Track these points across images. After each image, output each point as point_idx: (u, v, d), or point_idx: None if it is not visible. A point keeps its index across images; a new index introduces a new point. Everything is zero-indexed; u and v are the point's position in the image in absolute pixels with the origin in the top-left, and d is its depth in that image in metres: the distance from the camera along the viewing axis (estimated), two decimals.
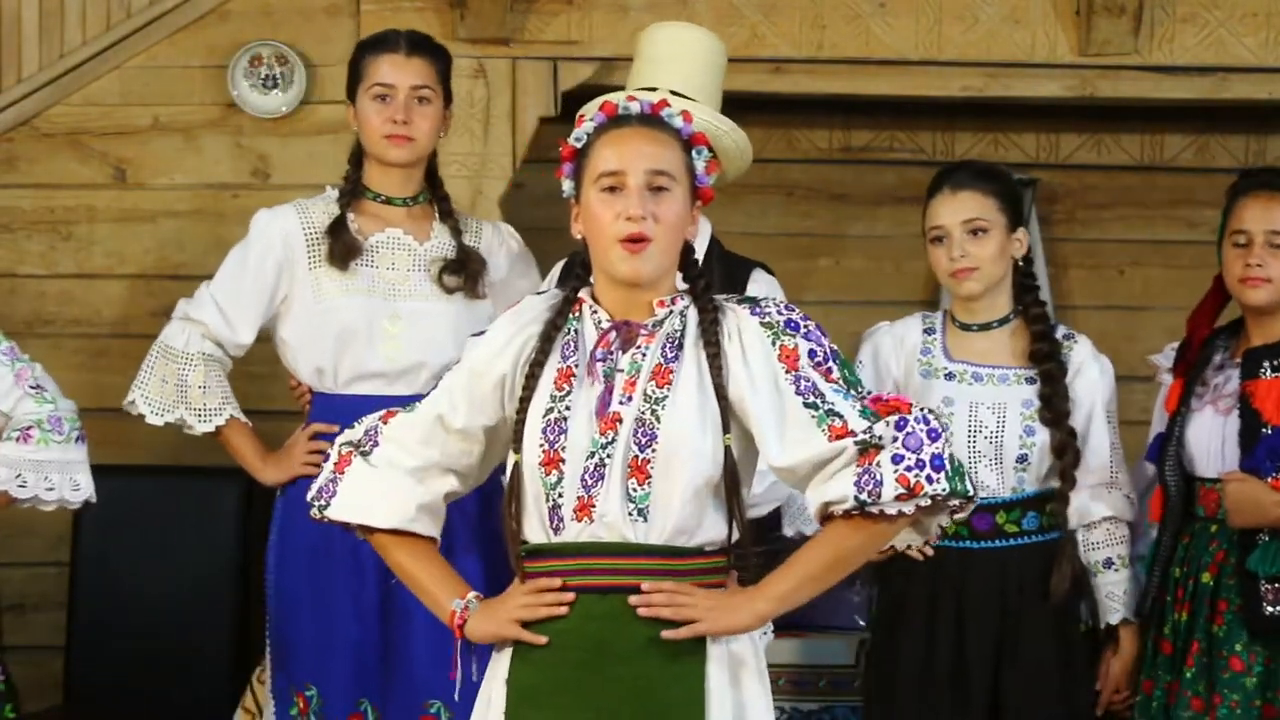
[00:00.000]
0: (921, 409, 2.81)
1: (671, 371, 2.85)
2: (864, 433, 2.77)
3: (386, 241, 3.98)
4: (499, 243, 4.13)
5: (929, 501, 2.77)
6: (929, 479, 2.75)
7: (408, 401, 3.80)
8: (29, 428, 3.79)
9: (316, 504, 3.00)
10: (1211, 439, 3.77)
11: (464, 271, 4.00)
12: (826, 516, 2.84)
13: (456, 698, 3.02)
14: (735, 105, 5.40)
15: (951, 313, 3.95)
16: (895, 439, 2.77)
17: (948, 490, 2.76)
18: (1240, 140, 5.56)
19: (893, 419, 2.79)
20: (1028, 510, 3.83)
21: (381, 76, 3.95)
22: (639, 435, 2.81)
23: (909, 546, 3.10)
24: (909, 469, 2.75)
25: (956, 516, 2.87)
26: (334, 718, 3.90)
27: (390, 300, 3.96)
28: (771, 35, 4.97)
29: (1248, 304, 3.79)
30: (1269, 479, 3.66)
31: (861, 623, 4.70)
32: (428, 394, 3.02)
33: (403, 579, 3.01)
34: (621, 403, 2.83)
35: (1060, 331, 3.93)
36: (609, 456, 2.81)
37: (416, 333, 3.95)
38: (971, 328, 3.90)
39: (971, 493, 2.81)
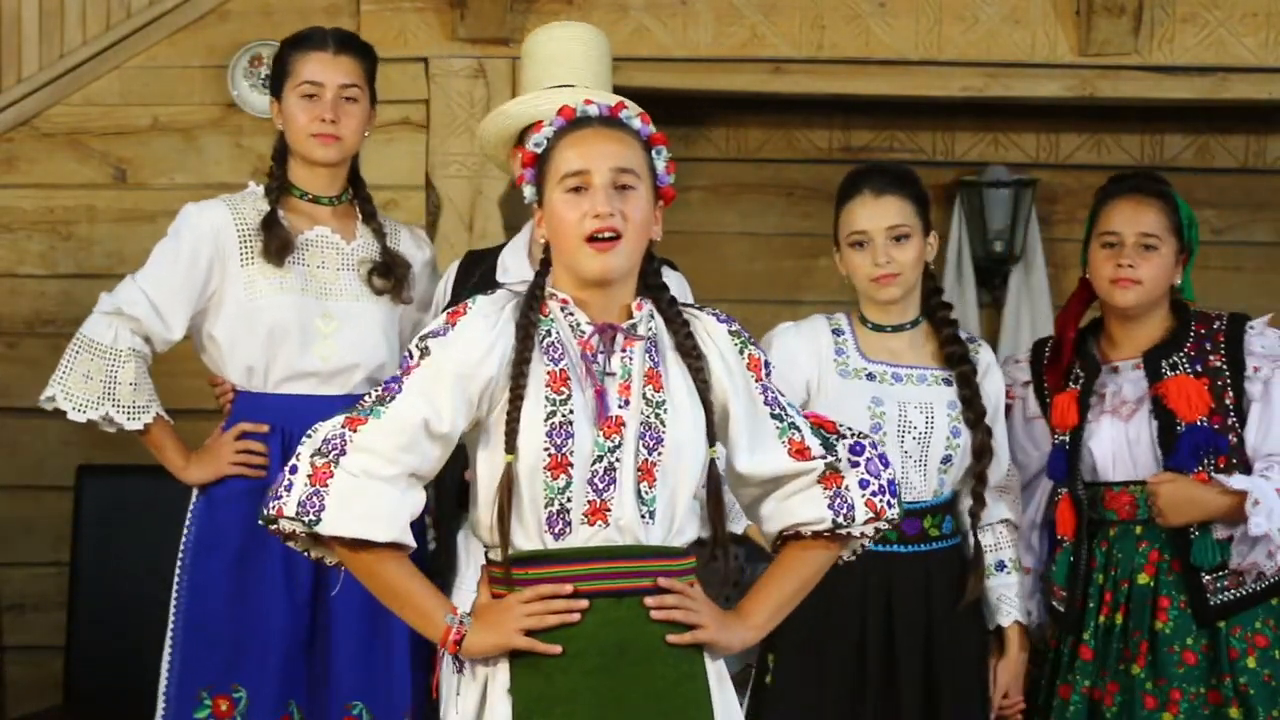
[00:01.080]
0: (855, 432, 2.98)
1: (661, 376, 2.87)
2: (826, 456, 2.92)
3: (315, 240, 3.93)
4: (415, 247, 4.09)
5: (886, 525, 2.97)
6: (889, 504, 2.96)
7: (341, 401, 3.77)
8: None
9: (304, 519, 2.79)
10: (1117, 445, 3.81)
11: (392, 274, 3.96)
12: (790, 535, 2.95)
13: (452, 714, 2.96)
14: (735, 105, 5.43)
15: (861, 314, 3.92)
16: (856, 463, 2.95)
17: (898, 515, 2.98)
18: (1240, 140, 5.57)
19: (845, 443, 2.96)
20: (946, 514, 3.84)
21: (310, 74, 3.89)
22: (646, 439, 2.82)
23: None
24: (874, 494, 2.95)
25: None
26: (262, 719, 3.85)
27: (322, 299, 3.89)
28: (771, 35, 4.97)
29: (1117, 305, 3.82)
30: (1193, 474, 3.72)
31: None
32: (365, 395, 2.90)
33: (385, 596, 2.86)
34: (620, 407, 2.82)
35: (963, 334, 3.93)
36: (618, 460, 2.80)
37: (349, 332, 3.90)
38: (885, 328, 3.88)
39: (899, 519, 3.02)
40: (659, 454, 2.81)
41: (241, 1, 4.97)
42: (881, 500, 2.94)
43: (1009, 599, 3.88)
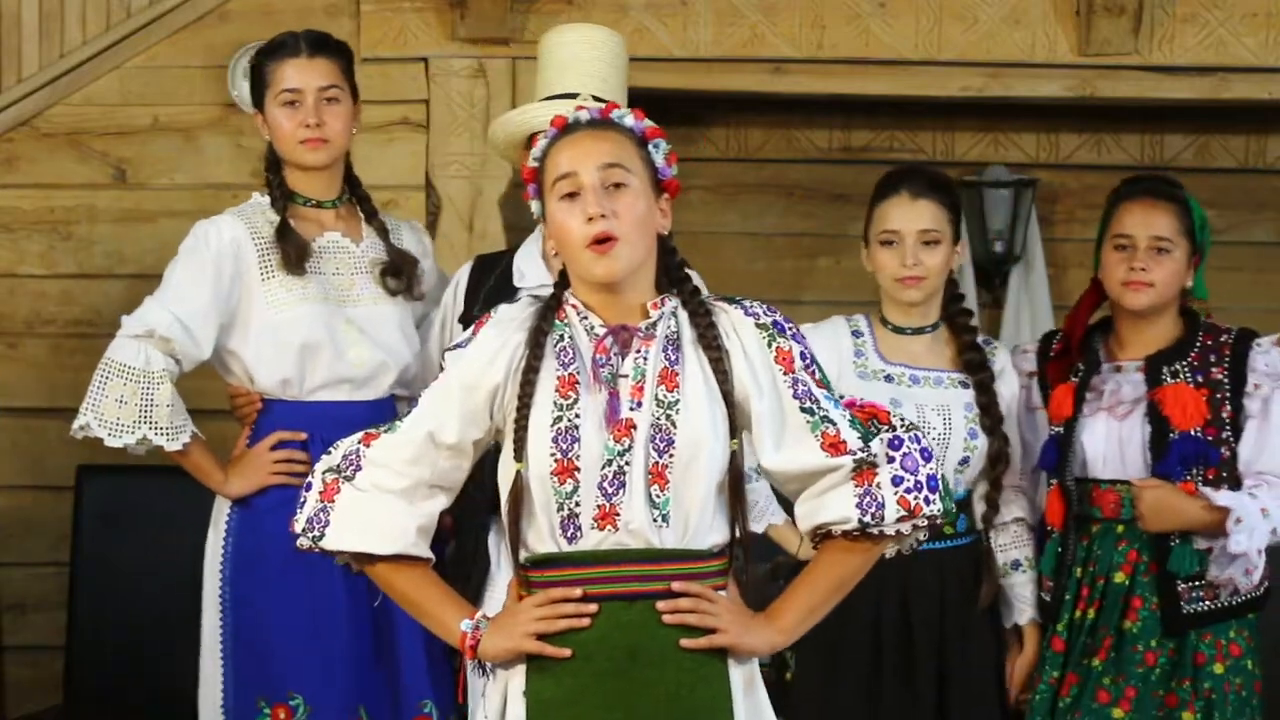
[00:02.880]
0: (905, 423, 2.87)
1: (677, 375, 2.84)
2: (860, 451, 2.82)
3: (327, 245, 3.92)
4: (416, 242, 4.09)
5: (925, 522, 2.85)
6: (926, 500, 2.82)
7: (374, 405, 3.82)
8: None
9: (309, 535, 2.89)
10: (1108, 443, 3.82)
11: (403, 274, 3.96)
12: (823, 535, 2.88)
13: (479, 717, 2.97)
14: (735, 105, 5.43)
15: (882, 315, 3.94)
16: (892, 459, 2.83)
17: (941, 511, 2.84)
18: (1240, 140, 5.57)
19: (885, 436, 2.84)
20: (960, 512, 3.86)
21: (288, 82, 3.86)
22: (657, 441, 2.80)
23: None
24: (909, 491, 2.82)
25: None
26: None
27: (343, 305, 3.89)
28: (771, 35, 4.97)
29: (1129, 307, 3.83)
30: (1178, 483, 3.73)
31: None
32: (394, 397, 2.95)
33: (404, 605, 2.94)
34: (632, 409, 2.81)
35: (979, 338, 3.96)
36: (627, 464, 2.79)
37: (374, 336, 3.89)
38: (905, 331, 3.91)
39: (952, 512, 2.90)
40: (670, 456, 2.79)
41: (241, 1, 4.97)
42: (917, 497, 2.81)
43: (1024, 597, 3.91)
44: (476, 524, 3.82)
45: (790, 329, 2.88)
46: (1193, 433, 3.75)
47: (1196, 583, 3.74)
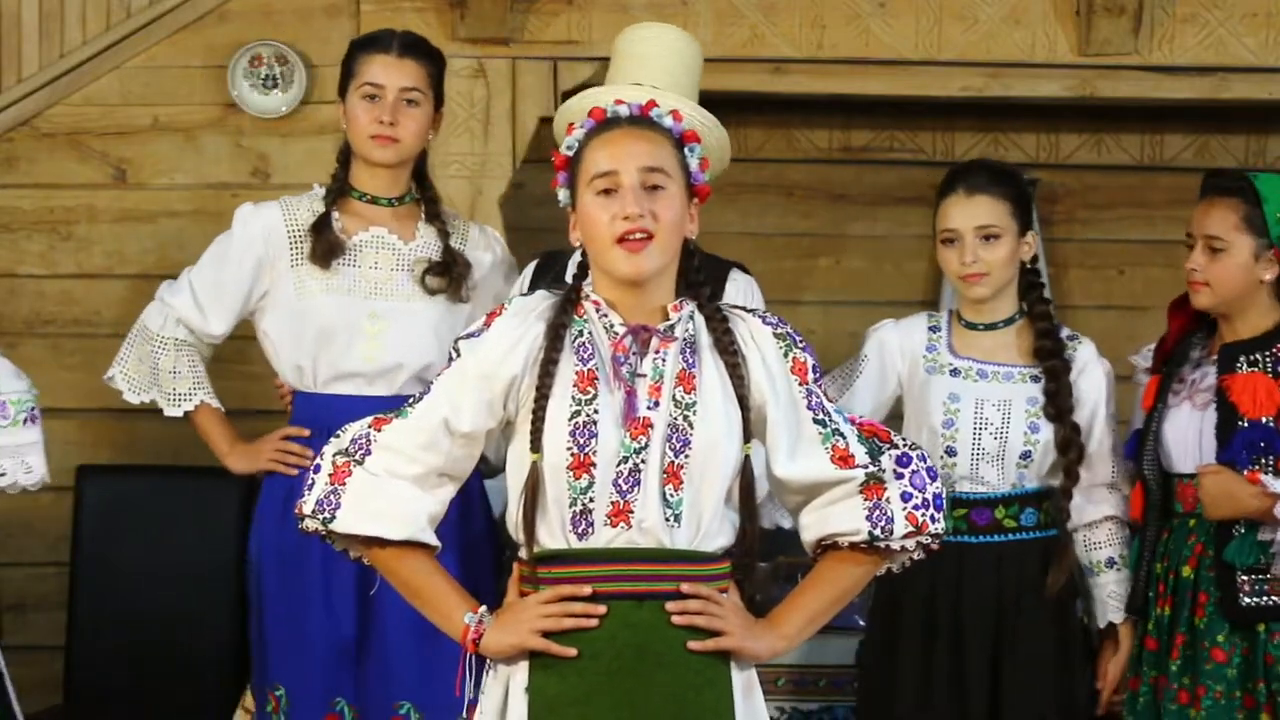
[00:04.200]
0: (908, 442, 2.92)
1: (695, 377, 2.84)
2: (870, 465, 2.86)
3: (370, 241, 3.96)
4: (485, 246, 4.11)
5: (929, 540, 2.88)
6: (932, 518, 2.87)
7: (388, 402, 3.81)
8: None
9: (319, 517, 2.87)
10: (1189, 434, 3.80)
11: (449, 273, 3.97)
12: (828, 545, 2.89)
13: (465, 713, 2.98)
14: (735, 105, 5.42)
15: (958, 311, 3.96)
16: (900, 475, 2.87)
17: (943, 530, 2.90)
18: (1240, 140, 5.57)
19: (893, 453, 2.88)
20: (1026, 506, 3.85)
21: (372, 76, 3.93)
22: (673, 440, 2.80)
23: None
24: (917, 508, 2.87)
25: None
26: (306, 717, 3.87)
27: (370, 299, 3.93)
28: (771, 35, 4.97)
29: (1194, 306, 3.83)
30: (1245, 471, 3.69)
31: (861, 622, 4.70)
32: (411, 396, 2.95)
33: (407, 593, 2.92)
34: (649, 408, 2.81)
35: (1064, 332, 3.96)
36: (643, 462, 2.79)
37: (396, 332, 3.92)
38: (978, 326, 3.93)
39: (949, 533, 3.02)
40: (686, 456, 2.80)
41: (241, 1, 4.96)
42: (924, 514, 2.86)
43: (1117, 595, 3.91)
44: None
45: (802, 341, 2.91)
46: (1263, 421, 3.70)
47: (1261, 576, 3.68)
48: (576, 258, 3.88)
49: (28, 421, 3.88)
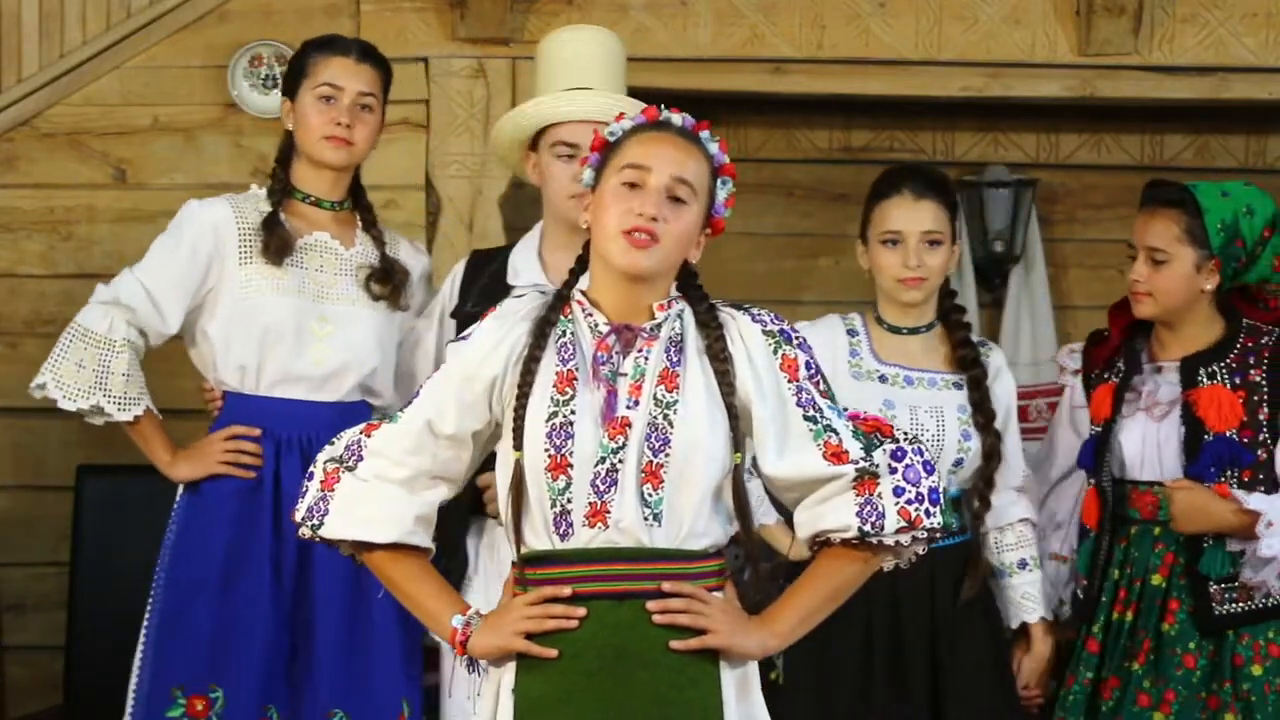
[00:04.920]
0: (908, 436, 2.89)
1: (678, 376, 2.84)
2: (862, 460, 2.82)
3: (314, 244, 3.92)
4: (413, 257, 4.08)
5: (924, 534, 2.85)
6: (927, 513, 2.83)
7: (333, 409, 3.84)
8: None
9: (309, 523, 2.90)
10: (1146, 444, 3.82)
11: (390, 281, 3.96)
12: (821, 542, 2.89)
13: (471, 715, 2.97)
14: (735, 105, 5.43)
15: (879, 315, 3.94)
16: (894, 469, 2.84)
17: (940, 524, 2.85)
18: (1240, 140, 5.57)
19: (888, 447, 2.85)
20: (952, 512, 3.85)
21: (331, 77, 3.89)
22: (652, 440, 2.80)
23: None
24: (910, 502, 2.83)
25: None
26: None
27: (319, 302, 3.89)
28: (771, 35, 4.97)
29: (1135, 315, 3.86)
30: (1213, 485, 3.72)
31: None
32: (364, 404, 2.96)
33: (398, 596, 2.94)
34: (629, 407, 2.81)
35: (975, 339, 3.96)
36: (620, 461, 2.79)
37: (344, 336, 3.89)
38: (902, 330, 3.91)
39: (953, 526, 2.88)
40: (665, 455, 2.79)
41: (241, 1, 4.97)
42: (918, 509, 2.82)
43: (1033, 595, 3.91)
44: (455, 524, 3.82)
45: (797, 338, 2.89)
46: (1228, 434, 3.73)
47: (1230, 584, 3.72)
48: (517, 258, 3.90)
49: None
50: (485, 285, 3.88)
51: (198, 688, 3.80)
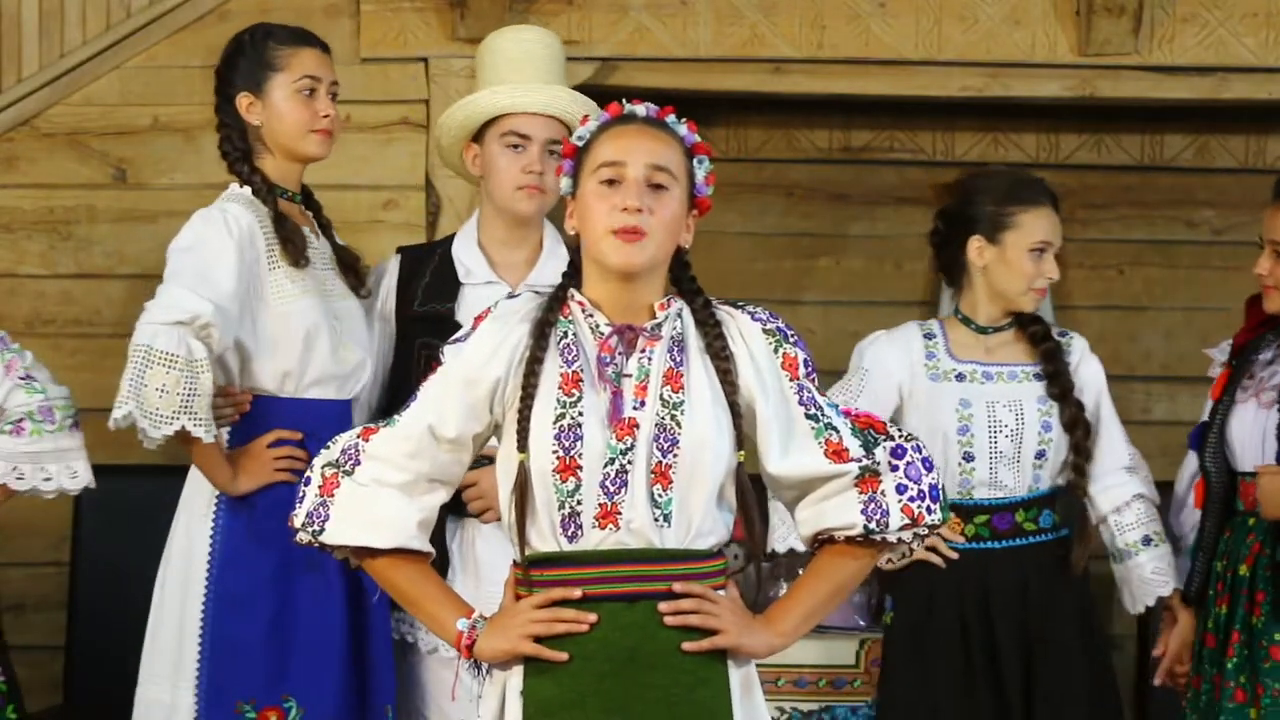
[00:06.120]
0: (904, 433, 2.90)
1: (682, 376, 2.84)
2: (864, 458, 2.84)
3: (306, 239, 3.91)
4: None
5: (926, 531, 2.86)
6: (929, 510, 2.85)
7: (350, 404, 3.82)
8: (21, 420, 3.80)
9: (309, 529, 2.88)
10: (1253, 432, 3.80)
11: (355, 270, 3.96)
12: (824, 540, 2.89)
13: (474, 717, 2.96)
14: (735, 105, 5.43)
15: (963, 315, 3.96)
16: (895, 467, 2.85)
17: (941, 521, 2.87)
18: (1240, 140, 5.57)
19: (887, 445, 2.86)
20: (1044, 508, 3.87)
21: (310, 70, 3.84)
22: (660, 440, 2.79)
23: (931, 550, 3.21)
24: (912, 499, 2.84)
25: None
26: None
27: (329, 300, 3.86)
28: (771, 35, 4.97)
29: (1268, 311, 3.84)
30: None
31: (862, 622, 4.70)
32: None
33: (402, 601, 2.93)
34: (635, 408, 2.80)
35: (1055, 330, 4.00)
36: (630, 462, 2.78)
37: (354, 332, 3.86)
38: (988, 330, 3.94)
39: (949, 520, 2.95)
40: (674, 455, 2.79)
41: (241, 1, 4.96)
42: (920, 506, 2.84)
43: (1164, 570, 3.91)
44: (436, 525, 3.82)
45: (793, 336, 2.90)
46: None
47: None
48: (458, 255, 3.91)
49: (73, 427, 3.87)
50: (431, 284, 3.89)
51: (270, 699, 3.74)
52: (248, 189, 3.86)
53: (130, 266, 4.96)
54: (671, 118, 2.91)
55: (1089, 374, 3.94)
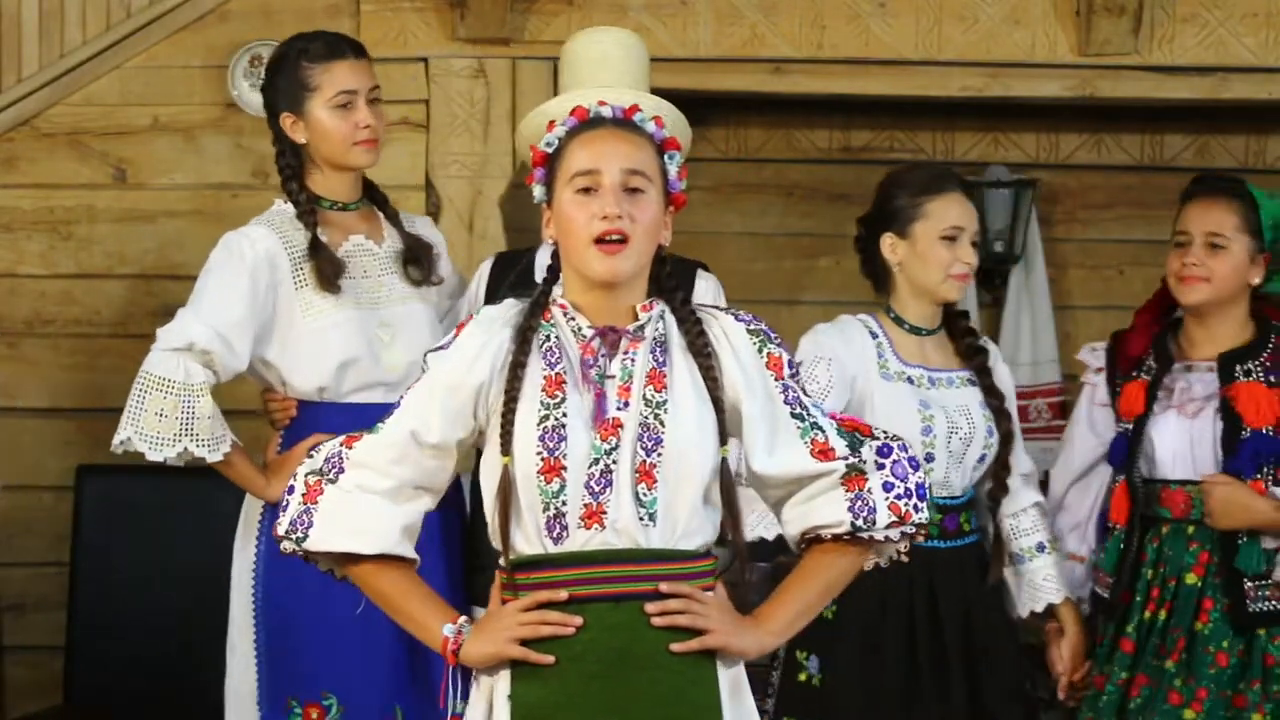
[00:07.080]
0: (888, 433, 2.91)
1: (665, 376, 2.83)
2: (850, 457, 2.84)
3: (354, 250, 3.90)
4: (431, 232, 4.09)
5: (913, 529, 2.87)
6: (915, 508, 2.86)
7: None
8: None
9: (292, 537, 2.87)
10: (1178, 442, 3.83)
11: (422, 261, 3.96)
12: (812, 539, 2.89)
13: None
14: (735, 105, 5.43)
15: (897, 314, 3.94)
16: (882, 465, 2.86)
17: (928, 519, 2.88)
18: (1240, 140, 5.57)
19: (872, 444, 2.87)
20: (972, 509, 3.89)
21: (344, 84, 3.85)
22: (644, 440, 2.79)
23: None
24: (899, 497, 2.85)
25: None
26: None
27: (376, 309, 3.87)
28: (771, 35, 4.97)
29: (1183, 302, 3.86)
30: (1250, 481, 3.73)
31: None
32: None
33: (387, 608, 2.91)
34: (619, 409, 2.80)
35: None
36: (614, 463, 2.78)
37: (406, 338, 3.88)
38: (921, 331, 3.93)
39: (937, 521, 2.93)
40: (658, 455, 2.79)
41: (241, 1, 4.97)
42: (907, 504, 2.85)
43: (1054, 577, 3.94)
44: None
45: (776, 337, 2.90)
46: (1265, 431, 3.75)
47: (1263, 582, 3.73)
48: (543, 258, 3.91)
49: None
50: (513, 285, 3.89)
51: (311, 696, 3.80)
52: (291, 207, 3.89)
53: (130, 266, 4.97)
54: (639, 115, 2.90)
55: (1003, 380, 3.96)
